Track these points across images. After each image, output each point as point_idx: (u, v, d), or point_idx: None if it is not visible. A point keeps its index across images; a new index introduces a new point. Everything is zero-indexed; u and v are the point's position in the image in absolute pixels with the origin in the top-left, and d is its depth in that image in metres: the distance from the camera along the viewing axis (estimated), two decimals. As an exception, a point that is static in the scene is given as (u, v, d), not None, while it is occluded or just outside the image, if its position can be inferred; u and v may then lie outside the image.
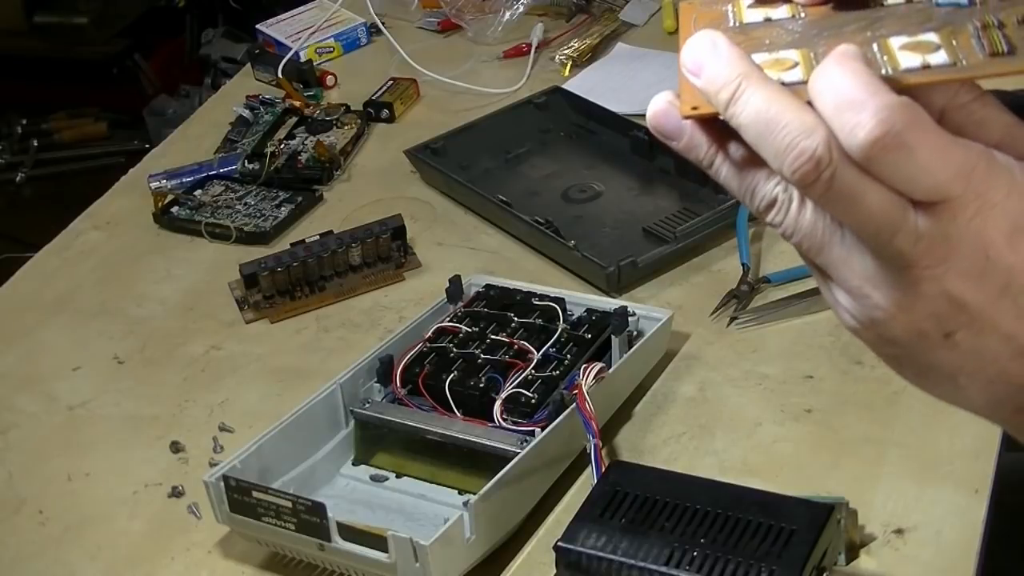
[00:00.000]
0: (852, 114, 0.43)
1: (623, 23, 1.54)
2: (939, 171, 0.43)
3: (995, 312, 0.45)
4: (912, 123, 0.42)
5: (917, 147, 0.43)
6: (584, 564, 0.74)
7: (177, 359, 1.09)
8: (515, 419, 0.89)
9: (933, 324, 0.45)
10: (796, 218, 0.46)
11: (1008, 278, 0.44)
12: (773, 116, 0.44)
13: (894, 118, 0.42)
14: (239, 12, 2.91)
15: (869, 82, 0.43)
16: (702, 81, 0.46)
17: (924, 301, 0.45)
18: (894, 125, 0.42)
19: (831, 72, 0.44)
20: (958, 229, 0.44)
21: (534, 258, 1.15)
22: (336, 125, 1.37)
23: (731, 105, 0.45)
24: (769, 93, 0.45)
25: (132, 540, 0.91)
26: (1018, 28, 0.47)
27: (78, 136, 3.10)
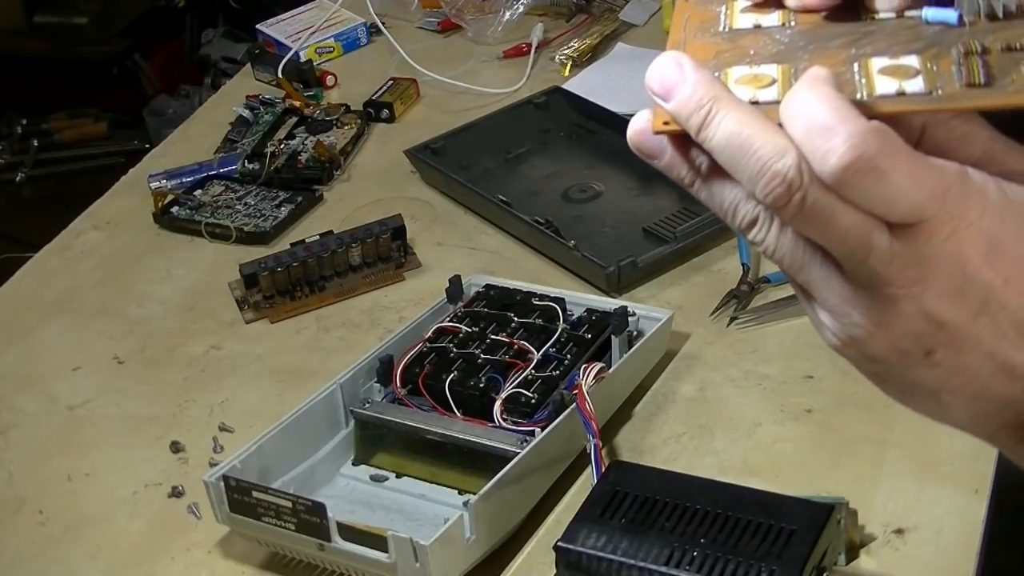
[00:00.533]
0: (823, 140, 0.43)
1: (623, 23, 1.54)
2: (913, 193, 0.43)
3: (974, 330, 0.45)
4: (883, 148, 0.42)
5: (889, 171, 0.43)
6: (584, 564, 0.74)
7: (177, 359, 1.09)
8: (515, 419, 0.89)
9: (913, 342, 0.46)
10: (776, 237, 0.46)
11: (986, 295, 0.44)
12: (744, 140, 0.44)
13: (865, 144, 0.42)
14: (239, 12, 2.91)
15: (840, 107, 0.43)
16: (672, 106, 0.46)
17: (903, 320, 0.45)
18: (865, 151, 0.42)
19: (802, 97, 0.44)
20: (934, 249, 0.44)
21: (534, 258, 1.15)
22: (336, 125, 1.38)
23: (703, 129, 0.45)
24: (740, 116, 0.45)
25: (132, 540, 0.91)
26: (1001, 55, 0.47)
27: (78, 136, 3.10)
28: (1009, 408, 0.46)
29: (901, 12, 0.50)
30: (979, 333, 0.45)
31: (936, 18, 0.49)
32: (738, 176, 0.45)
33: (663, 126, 0.47)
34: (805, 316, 0.51)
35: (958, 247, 0.44)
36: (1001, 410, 0.47)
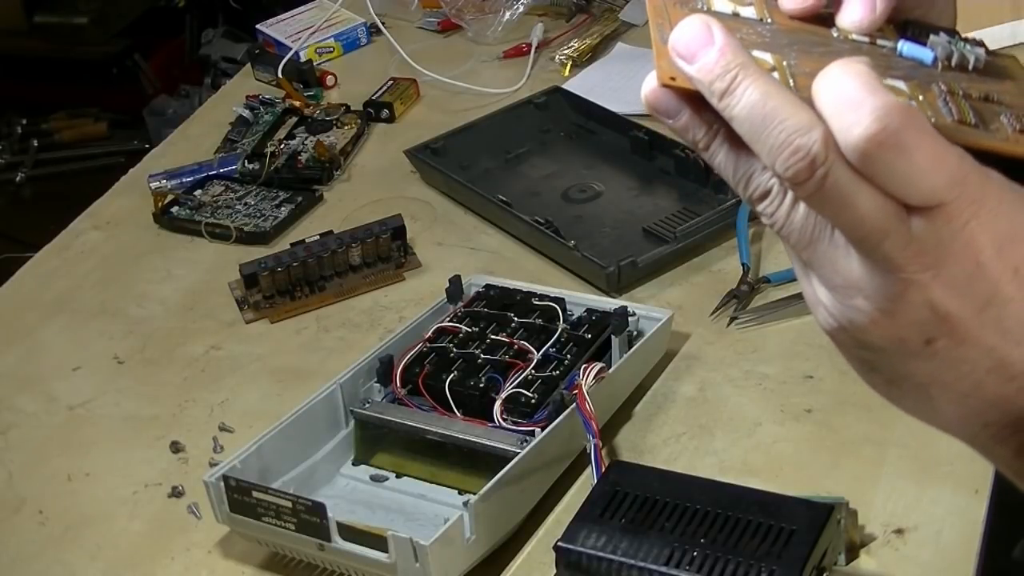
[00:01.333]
0: (851, 112, 0.42)
1: (623, 23, 1.54)
2: (935, 175, 0.43)
3: (978, 324, 0.44)
4: (910, 124, 0.42)
5: (914, 149, 0.42)
6: (584, 564, 0.74)
7: (177, 359, 1.09)
8: (515, 419, 0.89)
9: (914, 332, 0.45)
10: (788, 212, 0.46)
11: (995, 288, 0.44)
12: (769, 111, 0.44)
13: (891, 117, 0.42)
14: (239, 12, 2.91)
15: (869, 82, 0.43)
16: (695, 69, 0.45)
17: (909, 308, 0.45)
18: (891, 123, 0.42)
19: (835, 72, 0.43)
20: (951, 234, 0.43)
21: (534, 258, 1.15)
22: (336, 125, 1.38)
23: (726, 96, 0.45)
24: (767, 87, 0.44)
25: (132, 540, 0.91)
26: (981, 103, 0.47)
27: (78, 136, 3.10)
28: (996, 408, 0.46)
29: (873, 39, 0.50)
30: (982, 326, 0.44)
31: (911, 54, 0.49)
32: (758, 148, 0.44)
33: (670, 81, 0.46)
34: (805, 316, 0.51)
35: (973, 235, 0.43)
36: (989, 409, 0.46)
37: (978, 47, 0.50)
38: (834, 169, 0.43)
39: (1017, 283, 0.44)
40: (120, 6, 3.14)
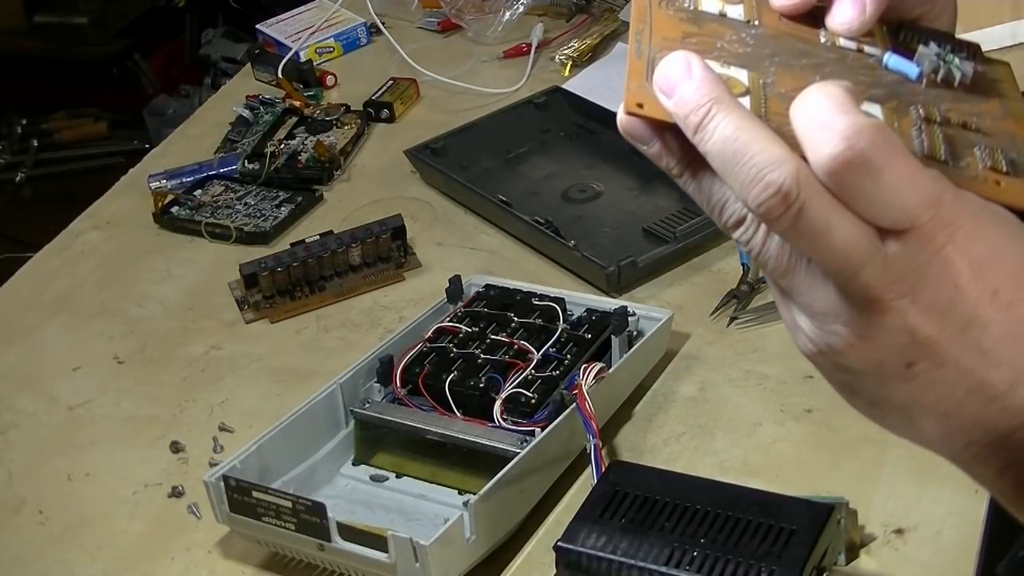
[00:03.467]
0: (820, 132, 0.42)
1: (623, 23, 1.54)
2: (907, 196, 0.42)
3: (958, 346, 0.44)
4: (880, 144, 0.42)
5: (884, 169, 0.42)
6: (584, 564, 0.74)
7: (177, 359, 1.09)
8: (515, 419, 0.89)
9: (893, 355, 0.45)
10: (763, 240, 0.45)
11: (973, 313, 0.44)
12: (741, 146, 0.43)
13: (860, 136, 0.42)
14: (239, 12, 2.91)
15: (843, 103, 0.42)
16: (672, 103, 0.45)
17: (887, 333, 0.44)
18: (859, 143, 0.42)
19: (810, 94, 0.43)
20: (927, 259, 0.43)
21: (534, 258, 1.15)
22: (336, 125, 1.38)
23: (699, 131, 0.45)
24: (739, 121, 0.44)
25: (132, 540, 0.91)
26: (958, 130, 0.47)
27: (78, 136, 3.10)
28: (978, 427, 0.46)
29: (861, 47, 0.50)
30: (962, 349, 0.44)
31: (896, 67, 0.49)
32: (730, 182, 0.44)
33: (636, 108, 0.46)
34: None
35: (950, 259, 0.43)
36: (970, 428, 0.46)
37: (968, 60, 0.49)
38: (807, 204, 0.42)
39: (995, 306, 0.44)
40: (120, 6, 3.14)
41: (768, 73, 0.47)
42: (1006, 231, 0.44)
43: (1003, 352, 0.44)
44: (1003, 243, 0.44)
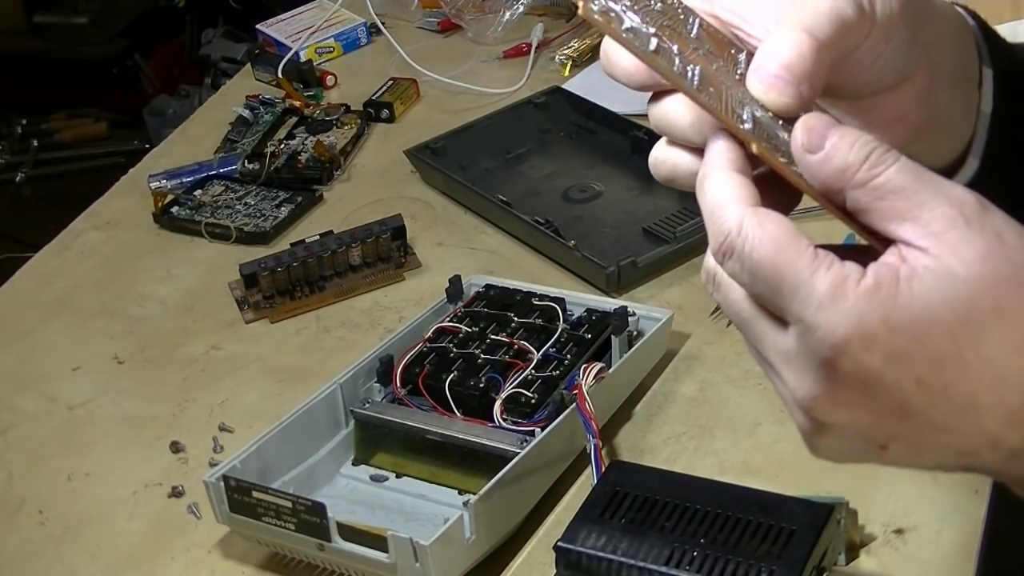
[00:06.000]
0: (711, 223, 0.45)
1: (623, 23, 1.54)
2: (798, 295, 0.43)
3: (914, 431, 0.45)
4: (759, 239, 0.44)
5: (763, 263, 0.44)
6: (584, 564, 0.74)
7: (177, 359, 1.09)
8: (515, 419, 0.89)
9: (864, 444, 0.46)
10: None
11: (903, 400, 0.44)
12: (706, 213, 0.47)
13: (733, 230, 0.44)
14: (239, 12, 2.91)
15: (727, 195, 0.45)
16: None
17: (846, 435, 0.46)
18: (729, 243, 0.44)
19: (703, 182, 0.46)
20: (856, 373, 0.43)
21: (534, 258, 1.15)
22: (336, 125, 1.38)
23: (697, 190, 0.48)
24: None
25: (132, 540, 0.91)
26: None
27: (78, 136, 3.10)
28: (973, 470, 0.47)
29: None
30: (918, 431, 0.44)
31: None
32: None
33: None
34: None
35: (855, 360, 0.43)
36: (967, 469, 0.47)
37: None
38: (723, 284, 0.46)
39: (923, 391, 0.43)
40: (120, 6, 3.14)
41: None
42: (921, 312, 0.43)
43: (963, 426, 0.44)
44: (922, 328, 0.43)
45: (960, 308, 0.42)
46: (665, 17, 0.50)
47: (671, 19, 0.50)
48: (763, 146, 0.47)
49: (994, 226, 0.43)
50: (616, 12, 0.49)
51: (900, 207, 0.44)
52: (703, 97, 0.48)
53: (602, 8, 0.49)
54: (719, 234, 0.45)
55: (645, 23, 0.49)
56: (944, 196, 0.43)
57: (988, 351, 0.43)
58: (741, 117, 0.48)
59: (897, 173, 0.44)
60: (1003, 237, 0.43)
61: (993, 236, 0.43)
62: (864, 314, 0.42)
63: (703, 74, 0.49)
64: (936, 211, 0.43)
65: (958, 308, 0.42)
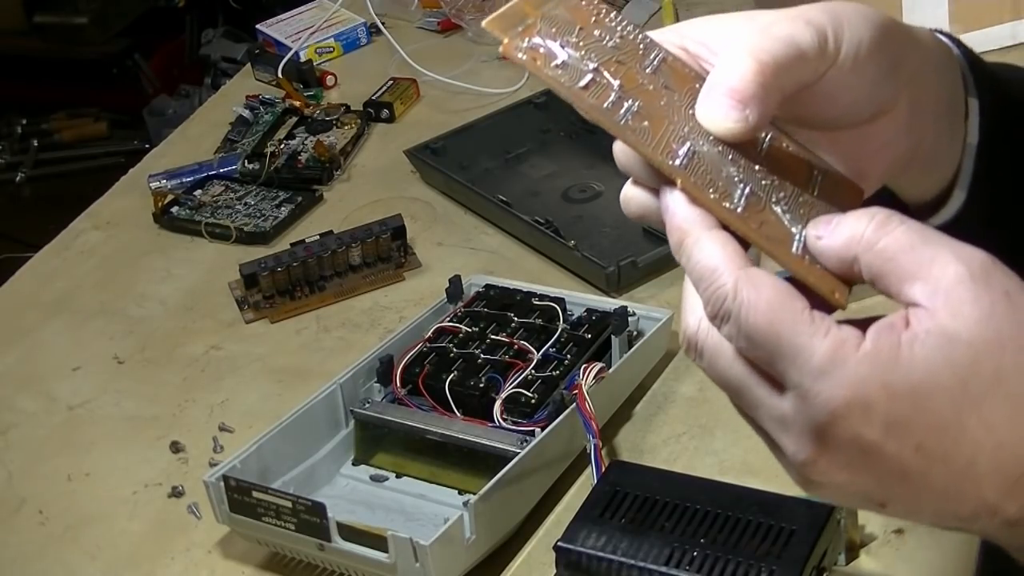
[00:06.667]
0: (703, 288, 0.45)
1: (623, 23, 1.54)
2: (795, 362, 0.43)
3: (911, 495, 0.44)
4: (755, 304, 0.43)
5: (759, 327, 0.43)
6: (584, 564, 0.74)
7: (177, 359, 1.09)
8: (515, 419, 0.89)
9: (864, 500, 0.45)
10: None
11: (903, 467, 0.43)
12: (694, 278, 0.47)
13: (729, 296, 0.44)
14: (239, 12, 2.91)
15: (717, 258, 0.45)
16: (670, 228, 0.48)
17: (847, 491, 0.45)
18: (726, 309, 0.44)
19: (687, 244, 0.46)
20: (853, 442, 0.43)
21: (534, 258, 1.15)
22: (336, 125, 1.38)
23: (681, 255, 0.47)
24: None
25: (132, 540, 0.91)
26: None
27: (78, 136, 3.10)
28: (974, 530, 0.46)
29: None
30: (916, 495, 0.44)
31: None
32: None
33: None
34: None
35: (854, 427, 0.42)
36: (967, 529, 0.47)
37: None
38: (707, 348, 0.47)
39: (921, 457, 0.43)
40: (120, 6, 3.14)
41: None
42: (921, 377, 0.42)
43: (961, 492, 0.44)
44: (923, 394, 0.42)
45: (961, 371, 0.42)
46: (619, 52, 0.50)
47: (626, 53, 0.50)
48: (690, 182, 0.46)
49: (1002, 284, 0.43)
50: (547, 48, 0.48)
51: (910, 266, 0.43)
52: (628, 133, 0.47)
53: (531, 46, 0.48)
54: (715, 300, 0.44)
55: (586, 58, 0.48)
56: (953, 254, 0.43)
57: (988, 416, 0.42)
58: (675, 152, 0.47)
59: (905, 233, 0.44)
60: (1011, 296, 0.43)
61: (1001, 295, 0.42)
62: (864, 380, 0.42)
63: (643, 108, 0.48)
64: (946, 268, 0.43)
65: (959, 372, 0.42)
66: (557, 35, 0.49)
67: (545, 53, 0.48)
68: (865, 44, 0.48)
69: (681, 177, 0.46)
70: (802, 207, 0.48)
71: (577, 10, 0.51)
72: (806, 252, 0.46)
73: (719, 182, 0.47)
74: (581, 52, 0.49)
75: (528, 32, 0.48)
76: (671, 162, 0.47)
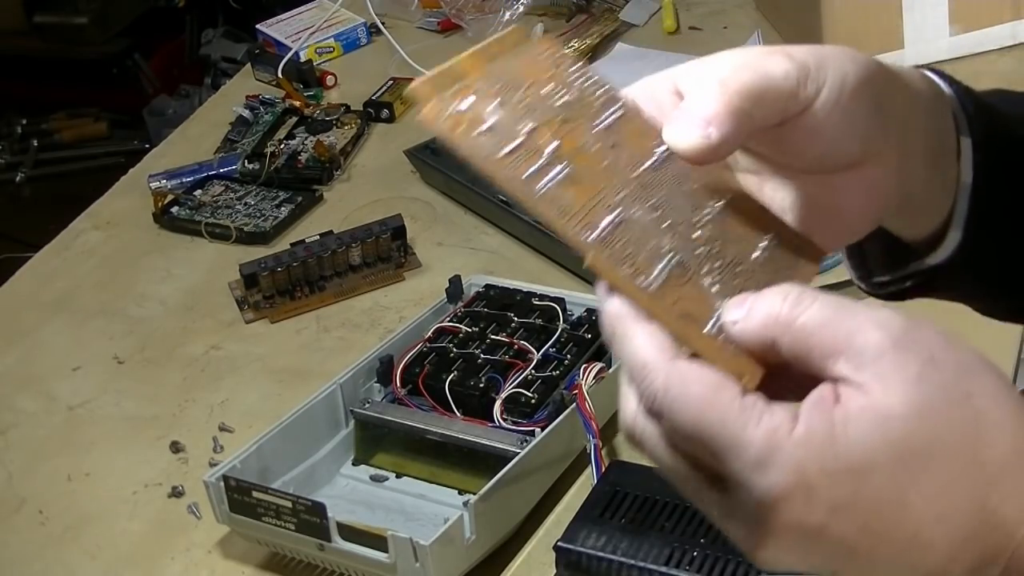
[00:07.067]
0: (636, 383, 0.45)
1: (623, 23, 1.54)
2: (739, 455, 0.42)
3: (859, 568, 0.44)
4: (670, 396, 0.43)
5: (689, 417, 0.43)
6: (584, 564, 0.74)
7: (177, 359, 1.09)
8: (515, 419, 0.89)
9: (813, 569, 0.45)
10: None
11: (851, 547, 0.43)
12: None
13: (660, 392, 0.43)
14: (239, 12, 2.91)
15: (645, 352, 0.44)
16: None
17: (801, 557, 0.45)
18: (658, 406, 0.44)
19: (616, 336, 0.45)
20: (799, 529, 0.43)
21: (534, 258, 1.15)
22: (336, 125, 1.38)
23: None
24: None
25: (132, 540, 0.91)
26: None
27: (78, 136, 3.10)
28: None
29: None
30: (865, 566, 0.43)
31: None
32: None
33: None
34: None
35: (797, 513, 0.42)
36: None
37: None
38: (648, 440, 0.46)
39: (866, 536, 0.43)
40: (120, 6, 3.14)
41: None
42: (857, 458, 0.42)
43: (909, 562, 0.43)
44: (860, 476, 0.42)
45: (898, 448, 0.41)
46: (569, 109, 0.47)
47: (578, 109, 0.47)
48: (601, 257, 0.44)
49: (926, 347, 0.43)
50: (476, 113, 0.45)
51: (831, 341, 0.43)
52: (543, 204, 0.44)
53: (457, 112, 0.44)
54: (647, 397, 0.44)
55: (523, 119, 0.46)
56: (871, 322, 0.42)
57: (928, 488, 0.42)
58: (596, 223, 0.45)
59: (820, 310, 0.43)
60: (935, 359, 0.42)
61: (926, 359, 0.42)
62: (802, 467, 0.41)
63: (576, 173, 0.45)
64: (868, 338, 0.42)
65: (895, 448, 0.41)
66: (497, 94, 0.46)
67: (472, 118, 0.45)
68: (849, 84, 0.47)
69: (592, 251, 0.44)
70: (738, 277, 0.47)
71: (533, 63, 0.48)
72: (721, 332, 0.45)
73: (640, 255, 0.45)
74: (520, 112, 0.46)
75: (461, 94, 0.45)
76: (585, 235, 0.44)
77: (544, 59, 0.49)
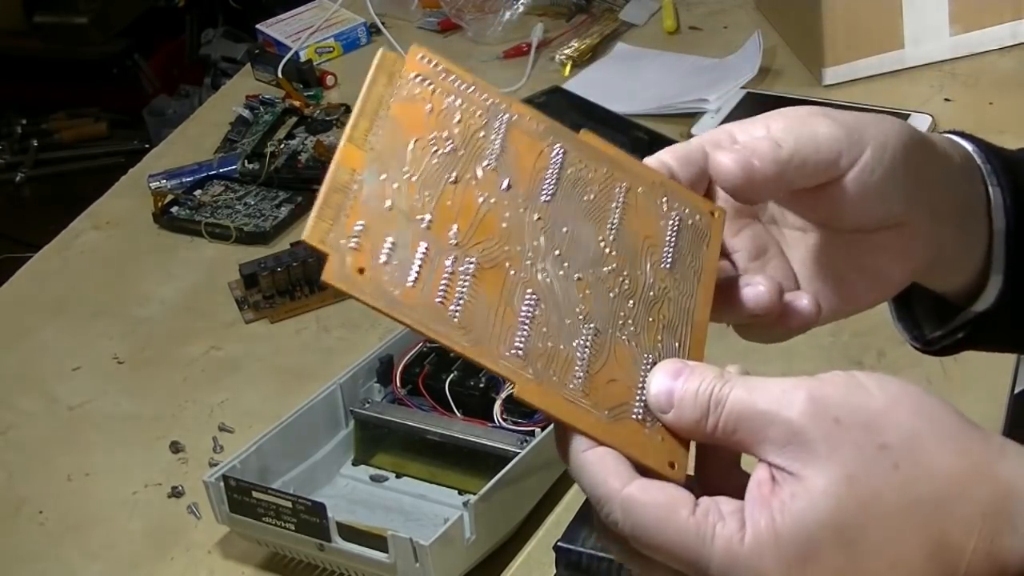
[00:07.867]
0: (596, 510, 0.47)
1: (623, 23, 1.54)
2: (702, 570, 0.44)
3: None
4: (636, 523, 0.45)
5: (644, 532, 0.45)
6: (584, 564, 0.74)
7: (177, 359, 1.09)
8: (515, 419, 0.89)
9: None
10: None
11: None
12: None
13: (620, 519, 0.46)
14: (239, 12, 2.91)
15: (599, 482, 0.47)
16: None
17: None
18: (620, 531, 0.46)
19: (573, 464, 0.48)
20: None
21: (534, 258, 1.15)
22: (336, 125, 1.38)
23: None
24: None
25: (132, 540, 0.91)
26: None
27: (78, 136, 3.10)
28: None
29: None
30: None
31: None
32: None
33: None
34: (804, 316, 0.52)
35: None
36: None
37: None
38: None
39: None
40: (120, 6, 3.14)
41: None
42: (812, 543, 0.44)
43: None
44: (813, 559, 0.44)
45: (834, 520, 0.44)
46: (455, 158, 0.46)
47: (467, 151, 0.46)
48: (527, 389, 0.45)
49: (830, 413, 0.45)
50: (371, 242, 0.42)
51: (752, 434, 0.46)
52: (459, 336, 0.45)
53: (355, 245, 0.42)
54: (609, 524, 0.47)
55: (420, 212, 0.43)
56: (777, 404, 0.45)
57: (873, 545, 0.44)
58: (511, 336, 0.45)
59: (734, 404, 0.47)
60: (840, 421, 0.44)
61: (831, 426, 0.44)
62: (760, 568, 0.44)
63: (482, 259, 0.45)
64: (777, 425, 0.45)
65: (832, 521, 0.44)
66: (383, 188, 0.43)
67: (371, 248, 0.42)
68: (889, 152, 0.51)
69: (518, 383, 0.45)
70: (654, 307, 0.50)
71: (411, 105, 0.47)
72: (648, 414, 0.47)
73: (560, 341, 0.46)
74: (412, 200, 0.44)
75: (350, 220, 0.42)
76: (505, 355, 0.46)
77: (419, 92, 0.48)
